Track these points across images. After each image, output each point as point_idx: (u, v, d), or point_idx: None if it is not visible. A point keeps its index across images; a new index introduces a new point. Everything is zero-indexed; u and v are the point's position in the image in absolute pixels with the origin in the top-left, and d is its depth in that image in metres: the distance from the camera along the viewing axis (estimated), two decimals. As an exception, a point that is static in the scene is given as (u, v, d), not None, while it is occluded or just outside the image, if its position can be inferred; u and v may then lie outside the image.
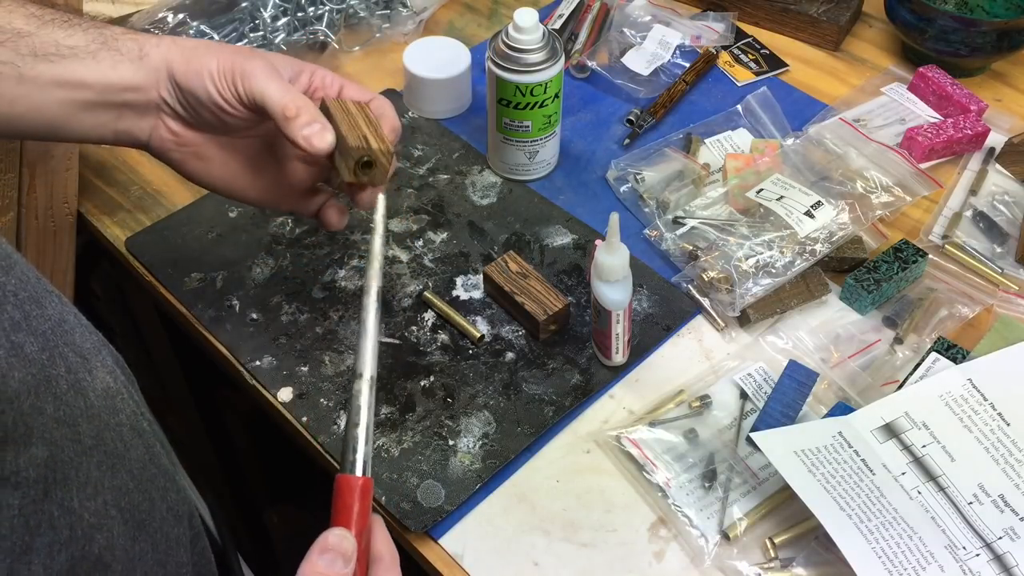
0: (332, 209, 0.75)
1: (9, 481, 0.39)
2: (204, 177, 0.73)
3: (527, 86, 0.89)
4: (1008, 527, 0.68)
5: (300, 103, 0.65)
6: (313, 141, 0.64)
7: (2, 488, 0.38)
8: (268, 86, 0.65)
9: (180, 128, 0.70)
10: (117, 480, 0.46)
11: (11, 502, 0.39)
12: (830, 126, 0.99)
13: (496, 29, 1.03)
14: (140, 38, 0.67)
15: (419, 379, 0.81)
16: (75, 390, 0.45)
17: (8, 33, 0.63)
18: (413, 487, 0.74)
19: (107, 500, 0.45)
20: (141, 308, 1.14)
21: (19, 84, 0.63)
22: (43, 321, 0.46)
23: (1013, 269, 0.88)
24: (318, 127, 0.65)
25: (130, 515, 0.46)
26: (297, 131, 0.64)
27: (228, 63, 0.66)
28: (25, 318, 0.44)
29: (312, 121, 0.65)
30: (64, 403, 0.44)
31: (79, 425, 0.45)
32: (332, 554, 0.50)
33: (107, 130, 0.68)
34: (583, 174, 0.99)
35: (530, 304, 0.83)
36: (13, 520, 0.38)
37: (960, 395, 0.75)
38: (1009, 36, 1.01)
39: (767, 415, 0.77)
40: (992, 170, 0.98)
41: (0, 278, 0.45)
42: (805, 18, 1.12)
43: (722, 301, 0.85)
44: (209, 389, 1.22)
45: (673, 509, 0.73)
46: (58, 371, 0.45)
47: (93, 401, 0.46)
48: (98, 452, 0.45)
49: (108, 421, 0.47)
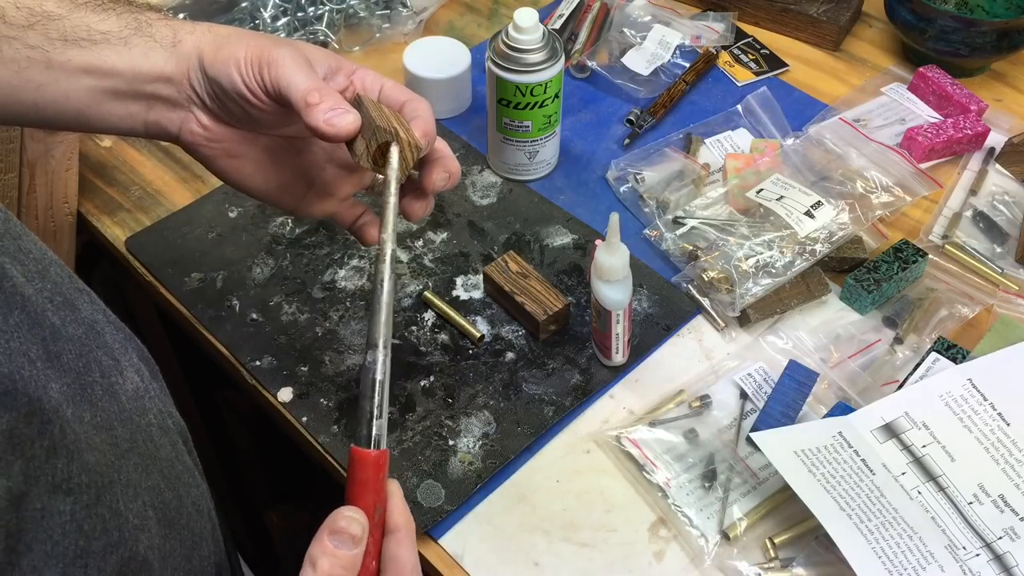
0: (372, 227, 0.71)
1: (61, 488, 0.39)
2: (236, 177, 0.68)
3: (527, 86, 0.89)
4: (1008, 527, 0.68)
5: (325, 92, 0.60)
6: (335, 121, 0.59)
7: (54, 495, 0.39)
8: (294, 75, 0.60)
9: (210, 122, 0.65)
10: (151, 481, 0.46)
11: (63, 508, 0.39)
12: (830, 126, 0.99)
13: (496, 29, 1.04)
14: (175, 24, 0.63)
15: (419, 379, 0.81)
16: (109, 394, 0.45)
17: (39, 16, 0.59)
18: (413, 487, 0.74)
19: (145, 501, 0.45)
20: (141, 308, 1.14)
21: (47, 70, 0.60)
22: (78, 326, 0.46)
23: (1013, 269, 0.88)
24: (341, 110, 0.59)
25: (163, 514, 0.46)
26: (319, 116, 0.59)
27: (256, 51, 0.61)
28: (63, 324, 0.44)
29: (335, 106, 0.59)
30: (100, 409, 0.44)
31: (115, 429, 0.45)
32: (342, 535, 0.49)
33: (137, 121, 0.64)
34: (583, 174, 0.99)
35: (530, 304, 0.83)
36: (65, 526, 0.39)
37: (960, 395, 0.75)
38: (1009, 36, 1.01)
39: (767, 415, 0.77)
40: (992, 170, 0.98)
41: (37, 284, 0.45)
42: (805, 18, 1.12)
43: (722, 301, 0.85)
44: (209, 389, 1.22)
45: (673, 509, 0.73)
46: (93, 377, 0.45)
47: (125, 404, 0.46)
48: (133, 455, 0.45)
49: (139, 422, 0.47)
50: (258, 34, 0.63)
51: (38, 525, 0.38)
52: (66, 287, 0.47)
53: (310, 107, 0.59)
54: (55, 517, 0.39)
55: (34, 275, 0.45)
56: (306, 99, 0.59)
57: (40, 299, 0.44)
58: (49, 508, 0.38)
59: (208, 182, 0.98)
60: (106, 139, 1.02)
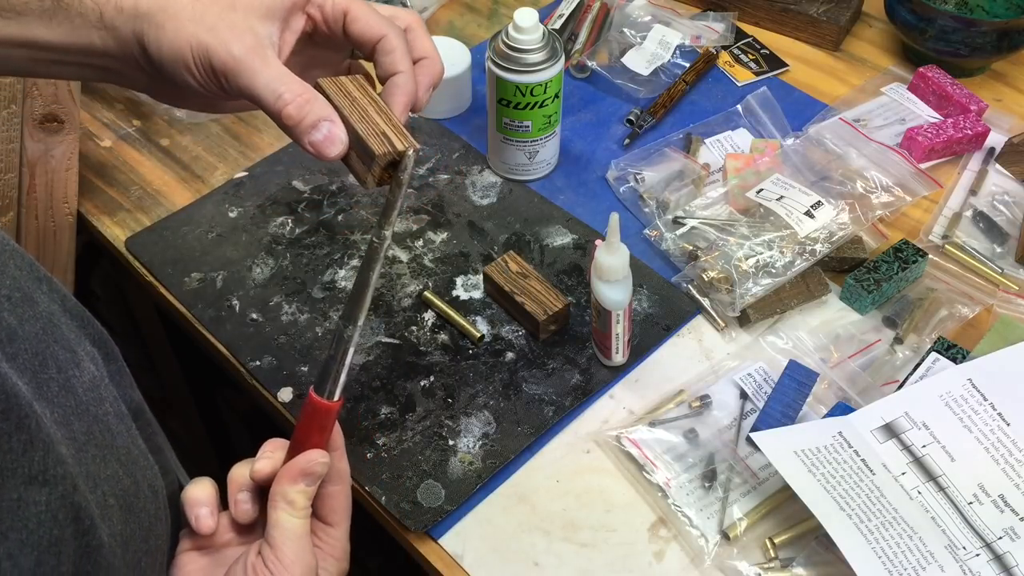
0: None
1: (37, 480, 0.40)
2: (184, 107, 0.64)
3: (527, 86, 0.89)
4: (1008, 527, 0.68)
5: (299, 100, 0.56)
6: (323, 151, 0.56)
7: (30, 486, 0.40)
8: (255, 80, 0.56)
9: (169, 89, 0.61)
10: (109, 470, 0.47)
11: (39, 499, 0.40)
12: (830, 126, 0.99)
13: (496, 29, 1.04)
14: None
15: (419, 379, 0.81)
16: (65, 390, 0.46)
17: None
18: (413, 487, 0.74)
19: (105, 491, 0.46)
20: (141, 308, 1.14)
21: None
22: (35, 322, 0.46)
23: (1013, 269, 0.88)
24: (325, 130, 0.56)
25: (123, 500, 0.47)
26: (303, 137, 0.56)
27: (202, 49, 0.56)
28: (19, 323, 0.45)
29: (318, 122, 0.56)
30: (57, 405, 0.44)
31: (72, 424, 0.45)
32: (313, 476, 0.56)
33: (86, 76, 0.61)
34: (583, 174, 0.99)
35: (530, 304, 0.83)
36: (41, 516, 0.40)
37: (960, 395, 0.75)
38: (1009, 36, 1.01)
39: (767, 415, 0.77)
40: (992, 170, 0.97)
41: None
42: (805, 18, 1.12)
43: (722, 301, 0.85)
44: (209, 389, 1.22)
45: (673, 509, 0.73)
46: (49, 374, 0.45)
47: (81, 397, 0.47)
48: (91, 447, 0.46)
49: (95, 413, 0.47)
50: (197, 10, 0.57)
51: (14, 514, 0.39)
52: (24, 280, 0.47)
53: (292, 127, 0.56)
54: (31, 507, 0.40)
55: None
56: (283, 117, 0.56)
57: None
58: (25, 499, 0.40)
59: (208, 182, 0.98)
60: (106, 139, 1.03)
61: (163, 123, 1.04)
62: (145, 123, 1.04)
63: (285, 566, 0.54)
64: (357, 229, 0.93)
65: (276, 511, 0.55)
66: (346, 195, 0.96)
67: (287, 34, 0.60)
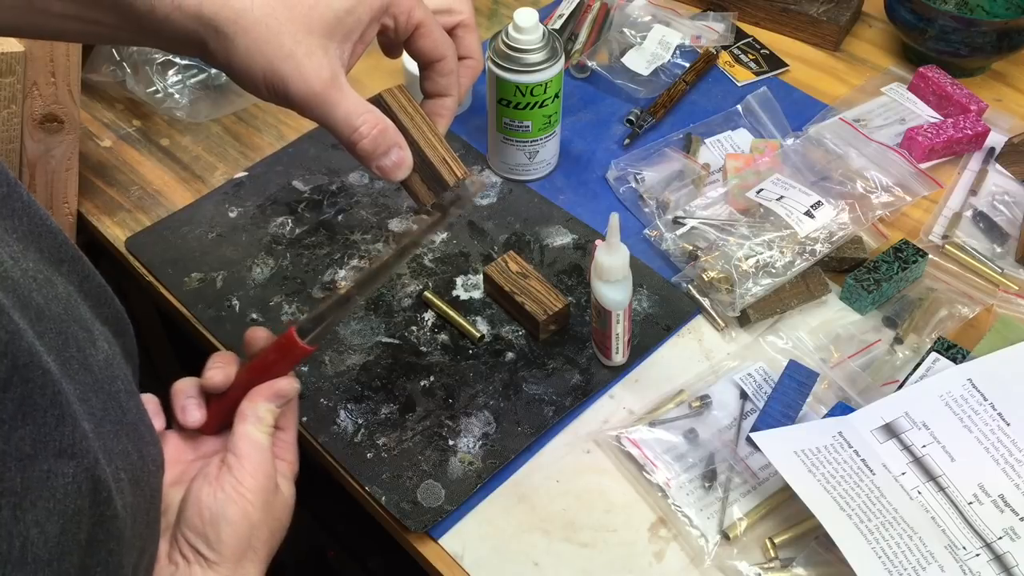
0: None
1: (66, 452, 0.42)
2: None
3: (527, 86, 0.89)
4: (1008, 527, 0.68)
5: (374, 132, 0.58)
6: (391, 175, 0.61)
7: (60, 459, 0.41)
8: (332, 113, 0.57)
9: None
10: (120, 445, 0.48)
11: (66, 471, 0.41)
12: (830, 126, 0.99)
13: (496, 29, 1.04)
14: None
15: (419, 379, 0.81)
16: (84, 368, 0.47)
17: None
18: (413, 487, 0.74)
19: (118, 465, 0.47)
20: (141, 308, 1.14)
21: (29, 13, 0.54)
22: (57, 303, 0.47)
23: (1013, 269, 0.88)
24: (395, 156, 0.60)
25: (132, 475, 0.49)
26: (372, 163, 0.60)
27: (278, 78, 0.55)
28: (46, 303, 0.46)
29: (389, 149, 0.60)
30: (78, 383, 0.45)
31: (90, 400, 0.46)
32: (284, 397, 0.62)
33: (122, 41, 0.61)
34: (583, 174, 0.99)
35: (530, 304, 0.83)
36: (67, 487, 0.41)
37: (960, 395, 0.75)
38: (1009, 36, 1.01)
39: (767, 415, 0.77)
40: (992, 170, 0.97)
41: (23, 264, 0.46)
42: (805, 18, 1.12)
43: (722, 301, 0.85)
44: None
45: (673, 509, 0.73)
46: (71, 352, 0.46)
47: (97, 374, 0.48)
48: (107, 423, 0.47)
49: (109, 390, 0.48)
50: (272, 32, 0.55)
51: (43, 485, 0.40)
52: (44, 264, 0.48)
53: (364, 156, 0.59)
54: (59, 479, 0.41)
55: (18, 255, 0.46)
56: (357, 148, 0.59)
57: (26, 280, 0.45)
58: (55, 471, 0.41)
59: (208, 182, 0.98)
60: (106, 139, 1.03)
61: (163, 123, 1.04)
62: (145, 123, 1.04)
63: (249, 472, 0.59)
64: (357, 229, 0.93)
65: (246, 424, 0.61)
66: (346, 195, 0.96)
67: (359, 46, 0.60)
